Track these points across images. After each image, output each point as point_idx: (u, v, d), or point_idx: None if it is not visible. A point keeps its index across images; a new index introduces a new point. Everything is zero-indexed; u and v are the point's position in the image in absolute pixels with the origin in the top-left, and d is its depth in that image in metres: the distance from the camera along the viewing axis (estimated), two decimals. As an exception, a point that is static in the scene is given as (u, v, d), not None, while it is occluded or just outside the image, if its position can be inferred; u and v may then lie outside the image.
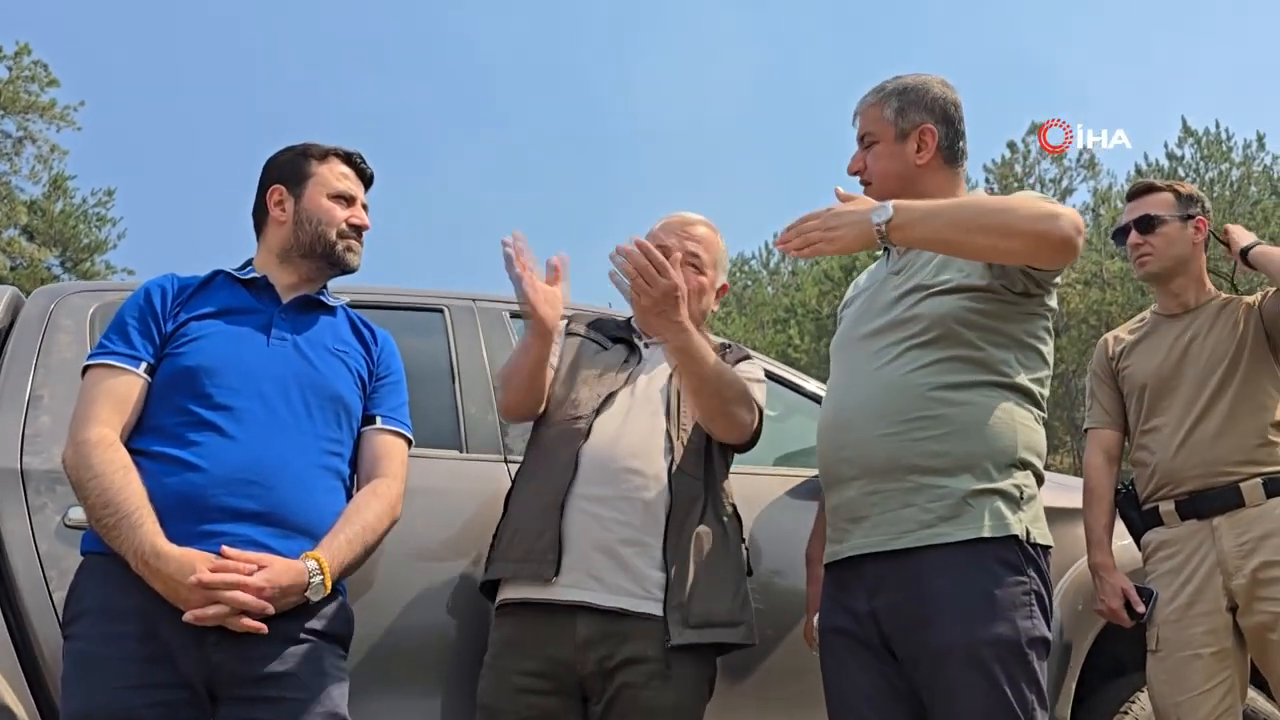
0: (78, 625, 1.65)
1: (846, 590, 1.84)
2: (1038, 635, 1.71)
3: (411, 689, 2.06)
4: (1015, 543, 1.73)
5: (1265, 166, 24.55)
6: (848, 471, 1.84)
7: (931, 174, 1.94)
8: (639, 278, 1.78)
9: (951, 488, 1.73)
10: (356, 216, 1.93)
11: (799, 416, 2.76)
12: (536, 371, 1.99)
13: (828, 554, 1.90)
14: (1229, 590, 2.29)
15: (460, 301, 2.55)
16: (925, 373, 1.79)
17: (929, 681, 1.72)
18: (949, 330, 1.80)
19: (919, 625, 1.72)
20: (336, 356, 1.87)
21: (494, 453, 2.29)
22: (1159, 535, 2.41)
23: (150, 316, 1.80)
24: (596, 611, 1.83)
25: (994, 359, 1.80)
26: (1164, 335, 2.50)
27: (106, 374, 1.74)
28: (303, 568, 1.65)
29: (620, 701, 1.82)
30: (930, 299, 1.83)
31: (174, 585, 1.57)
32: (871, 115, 1.97)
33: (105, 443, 1.66)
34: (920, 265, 1.89)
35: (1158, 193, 2.53)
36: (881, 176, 1.94)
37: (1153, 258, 2.48)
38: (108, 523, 1.60)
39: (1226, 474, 2.33)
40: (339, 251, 1.91)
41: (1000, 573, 1.71)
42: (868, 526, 1.80)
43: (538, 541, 1.86)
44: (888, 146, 1.95)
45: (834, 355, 2.03)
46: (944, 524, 1.72)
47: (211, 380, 1.74)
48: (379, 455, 1.87)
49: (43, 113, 22.57)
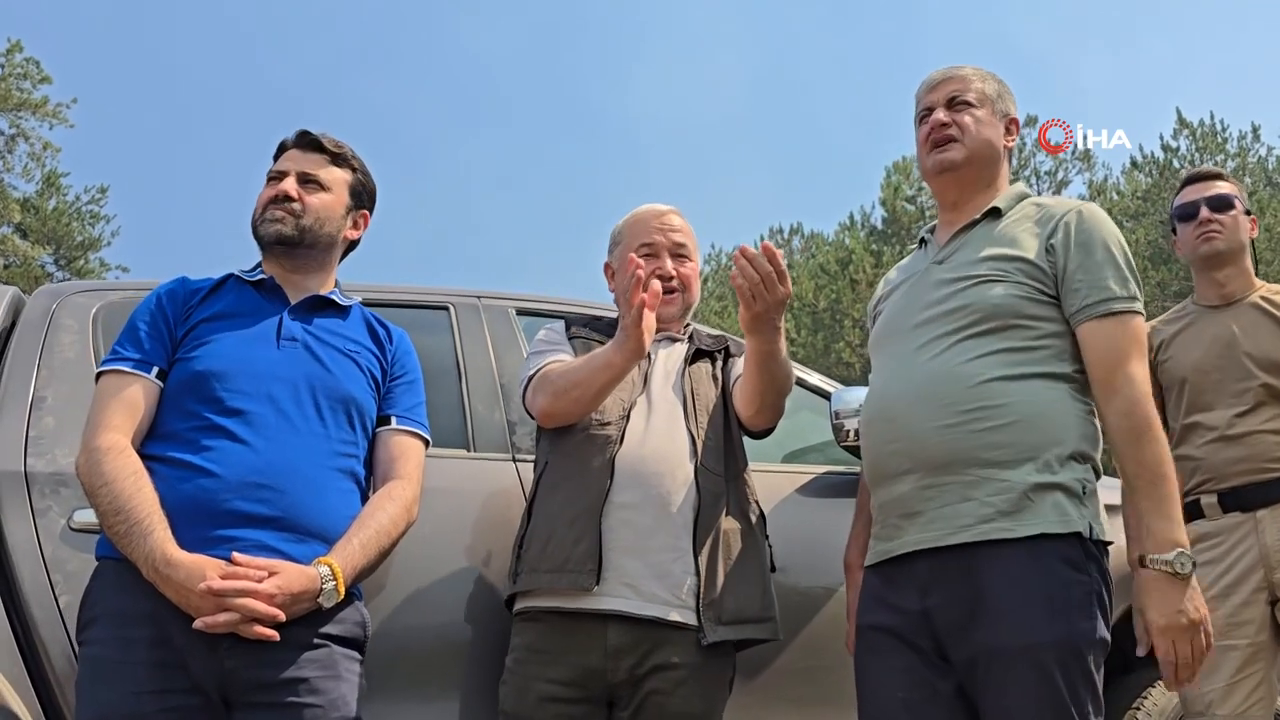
0: (91, 631, 1.64)
1: (895, 587, 1.76)
2: (1098, 637, 1.65)
3: (423, 692, 2.04)
4: (1078, 540, 1.66)
5: (1260, 158, 24.64)
6: (900, 466, 1.76)
7: (1004, 162, 1.95)
8: (761, 284, 1.76)
9: (1013, 480, 1.66)
10: (279, 190, 1.87)
11: (805, 413, 2.74)
12: (609, 389, 1.93)
13: (878, 553, 1.82)
14: (1272, 583, 2.28)
15: (465, 299, 2.53)
16: (981, 363, 1.72)
17: (984, 683, 1.65)
18: (1002, 319, 1.74)
19: (976, 625, 1.64)
20: (348, 357, 1.85)
21: (502, 452, 2.27)
22: (1199, 528, 2.37)
23: (161, 321, 1.80)
24: (628, 619, 1.81)
25: (1047, 349, 1.75)
26: (1205, 327, 2.46)
27: (118, 380, 1.73)
28: (315, 573, 1.63)
29: (648, 709, 1.81)
30: (979, 286, 1.77)
31: (185, 592, 1.56)
32: (974, 84, 1.92)
33: (117, 449, 1.65)
34: (968, 253, 1.84)
35: (1225, 180, 2.55)
36: (981, 141, 1.89)
37: (1222, 236, 2.46)
38: (119, 530, 1.59)
39: (1271, 468, 2.31)
40: (261, 229, 1.86)
41: (1062, 571, 1.64)
42: (923, 522, 1.72)
43: (575, 549, 1.83)
44: (987, 115, 1.91)
45: (876, 349, 1.96)
46: (1004, 519, 1.66)
47: (222, 384, 1.72)
48: (394, 456, 1.85)
49: (35, 110, 22.51)
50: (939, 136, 1.89)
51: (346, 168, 1.95)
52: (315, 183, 1.90)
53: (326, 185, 1.90)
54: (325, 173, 1.91)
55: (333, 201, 1.91)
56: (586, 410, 1.94)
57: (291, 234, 1.85)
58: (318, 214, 1.88)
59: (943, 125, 1.88)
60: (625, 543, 1.84)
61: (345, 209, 1.93)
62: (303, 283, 1.91)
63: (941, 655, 1.71)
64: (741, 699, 2.03)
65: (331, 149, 1.93)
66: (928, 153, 1.91)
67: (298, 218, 1.86)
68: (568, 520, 1.86)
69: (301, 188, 1.88)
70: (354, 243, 2.01)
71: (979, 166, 1.89)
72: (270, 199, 1.87)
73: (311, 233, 1.87)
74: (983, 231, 1.87)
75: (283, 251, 1.88)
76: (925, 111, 1.94)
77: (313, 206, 1.88)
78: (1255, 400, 2.34)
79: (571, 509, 1.87)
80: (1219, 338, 2.42)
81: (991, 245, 1.82)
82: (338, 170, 1.93)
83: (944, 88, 1.93)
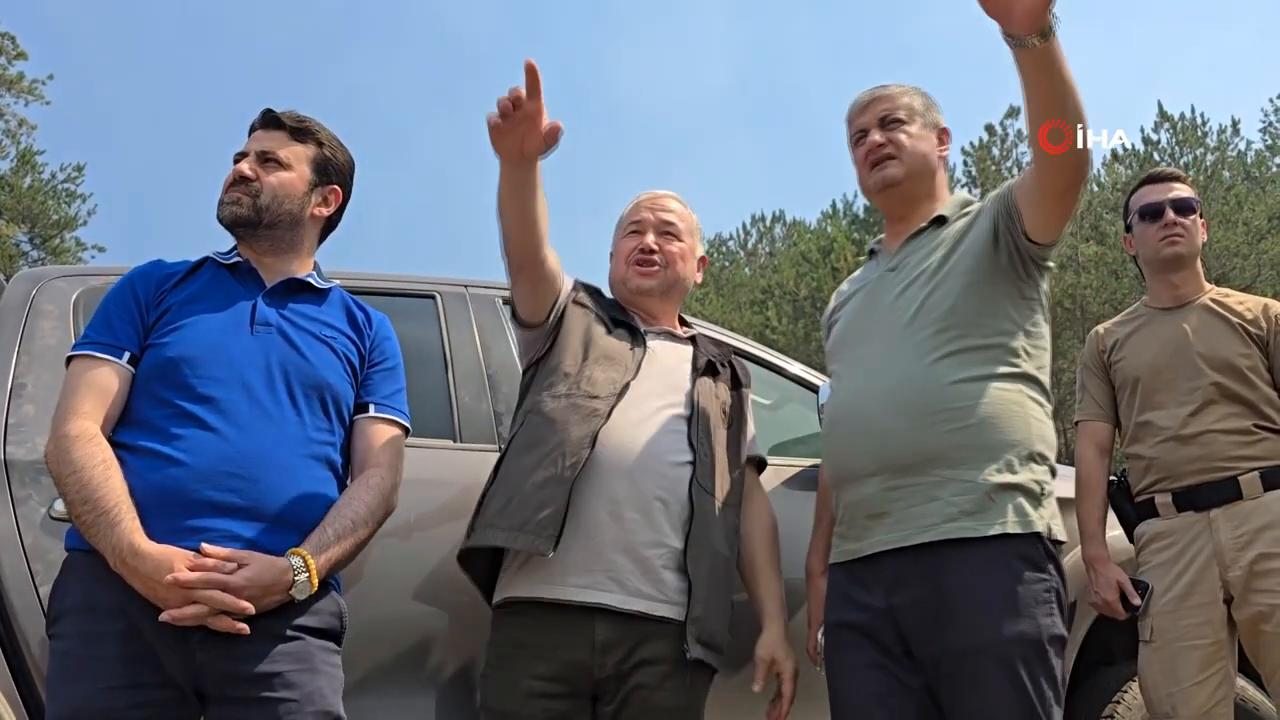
0: (61, 624, 1.60)
1: (862, 586, 1.82)
2: (1057, 633, 1.72)
3: (402, 684, 2.03)
4: (1038, 539, 1.74)
5: (1239, 152, 24.76)
6: (866, 467, 1.82)
7: (941, 170, 2.02)
8: None
9: (976, 480, 1.73)
10: (235, 171, 1.84)
11: (792, 405, 2.75)
12: (512, 196, 1.81)
13: (843, 553, 1.88)
14: (1225, 582, 2.30)
15: (452, 288, 2.51)
16: (944, 366, 1.78)
17: (950, 680, 1.70)
18: (960, 321, 1.81)
19: (941, 622, 1.70)
20: (323, 342, 1.81)
21: (488, 442, 2.26)
22: (1154, 527, 2.42)
23: (133, 304, 1.75)
24: (614, 614, 1.80)
25: (1006, 348, 1.81)
26: (1159, 328, 2.51)
27: (89, 364, 1.69)
28: (286, 564, 1.60)
29: (632, 703, 1.80)
30: (937, 291, 1.84)
31: (152, 584, 1.53)
32: (902, 100, 1.99)
33: (86, 437, 1.61)
34: (919, 260, 1.91)
35: (1183, 182, 2.59)
36: (918, 156, 1.96)
37: (1184, 240, 2.51)
38: (87, 519, 1.56)
39: (1224, 468, 2.34)
40: (219, 212, 1.82)
41: (1023, 570, 1.71)
42: (890, 522, 1.78)
43: (537, 513, 1.77)
44: (919, 130, 1.97)
45: (836, 357, 2.01)
46: (968, 518, 1.72)
47: (193, 370, 1.68)
48: (372, 445, 1.81)
49: (10, 86, 22.15)
50: (876, 156, 1.96)
51: (310, 142, 1.89)
52: (274, 161, 1.85)
53: (285, 162, 1.85)
54: (286, 150, 1.86)
55: (292, 179, 1.85)
56: (522, 237, 1.86)
57: (248, 214, 1.81)
58: (275, 192, 1.83)
59: (879, 145, 1.95)
60: (609, 534, 1.82)
61: (308, 185, 1.87)
62: (277, 265, 1.86)
63: (907, 652, 1.76)
64: (725, 694, 2.03)
65: (291, 124, 1.88)
66: (868, 172, 1.99)
67: (255, 197, 1.81)
68: (537, 483, 1.80)
69: (261, 167, 1.84)
70: (332, 222, 1.96)
71: (918, 180, 1.97)
72: (229, 182, 1.83)
73: (270, 211, 1.82)
74: (931, 238, 1.93)
75: (244, 233, 1.84)
76: (859, 133, 2.01)
77: (270, 185, 1.82)
78: (1205, 399, 2.37)
79: (542, 473, 1.81)
80: (1172, 338, 2.47)
81: (941, 249, 1.89)
82: (299, 146, 1.87)
83: (874, 108, 2.00)
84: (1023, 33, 1.50)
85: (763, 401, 2.80)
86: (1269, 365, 2.42)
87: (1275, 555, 2.26)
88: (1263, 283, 20.35)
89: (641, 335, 2.05)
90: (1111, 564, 2.39)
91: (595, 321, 2.03)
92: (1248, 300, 2.52)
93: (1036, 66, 1.55)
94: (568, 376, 1.93)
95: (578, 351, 1.96)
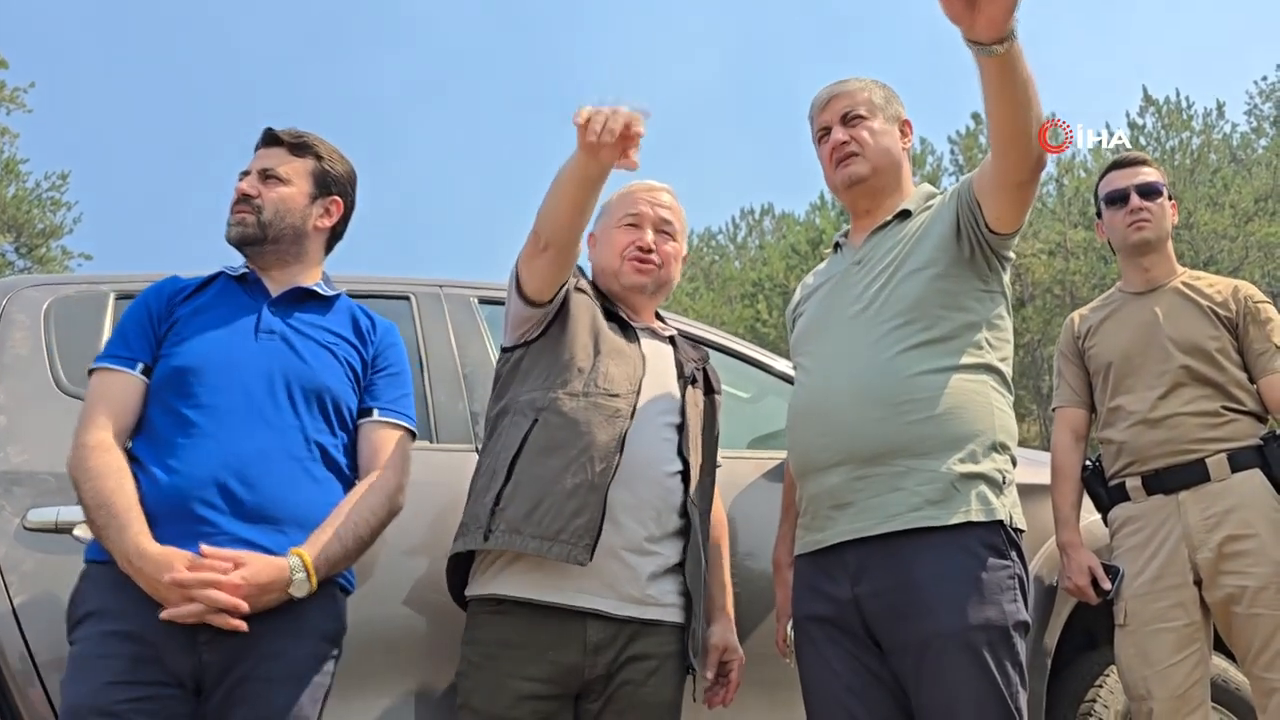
0: (78, 630, 1.66)
1: (827, 577, 1.83)
2: (1021, 619, 1.74)
3: (382, 684, 2.03)
4: (1000, 527, 1.76)
5: (1225, 135, 24.84)
6: (829, 458, 1.83)
7: (905, 163, 2.03)
8: None
9: (940, 470, 1.74)
10: (238, 190, 1.92)
11: (772, 397, 2.75)
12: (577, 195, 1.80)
13: (807, 543, 1.89)
14: (1194, 564, 2.31)
15: (427, 289, 2.51)
16: (908, 357, 1.80)
17: (916, 667, 1.71)
18: (924, 313, 1.82)
19: (906, 611, 1.72)
20: (325, 348, 1.86)
21: (465, 443, 2.26)
22: (1125, 511, 2.44)
23: (146, 318, 1.83)
24: (607, 616, 1.80)
25: (968, 340, 1.83)
26: (1130, 313, 2.52)
27: (106, 377, 1.78)
28: (284, 564, 1.65)
29: (618, 698, 1.80)
30: (902, 284, 1.86)
31: (154, 584, 1.59)
32: (860, 96, 1.99)
33: (102, 446, 1.69)
34: (884, 253, 1.92)
35: (1150, 166, 2.59)
36: (881, 151, 1.97)
37: (1151, 224, 2.52)
38: (100, 523, 1.63)
39: (1192, 450, 2.35)
40: (227, 233, 1.91)
41: (987, 557, 1.73)
42: (854, 512, 1.79)
43: (573, 520, 1.74)
44: (882, 125, 1.98)
45: (801, 349, 2.02)
46: (932, 507, 1.73)
47: (198, 379, 1.75)
48: (376, 448, 1.86)
49: (-10, 95, 22.02)
50: (841, 154, 1.97)
51: (309, 156, 1.96)
52: (275, 177, 1.93)
53: (285, 178, 1.94)
54: (285, 166, 1.94)
55: (292, 193, 1.93)
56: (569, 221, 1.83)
57: (253, 233, 1.89)
58: (276, 207, 1.90)
59: (843, 143, 1.96)
60: (609, 541, 1.79)
61: (308, 198, 1.95)
62: (283, 276, 1.93)
63: (874, 641, 1.77)
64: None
65: (289, 140, 1.96)
66: (834, 169, 2.00)
67: (258, 213, 1.89)
68: (567, 489, 1.76)
69: (262, 184, 1.92)
70: (337, 232, 2.02)
71: (883, 175, 1.99)
72: (233, 202, 1.92)
73: (273, 227, 1.90)
74: (895, 231, 1.94)
75: (251, 251, 1.92)
76: (823, 131, 2.02)
77: (270, 200, 1.91)
78: (1174, 382, 2.38)
79: (572, 478, 1.77)
80: (1143, 323, 2.48)
81: (906, 242, 1.90)
82: (298, 161, 1.96)
83: (835, 105, 2.00)
84: (987, 40, 1.50)
85: (742, 395, 2.80)
86: (1238, 347, 2.43)
87: (1243, 537, 2.28)
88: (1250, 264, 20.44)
89: (634, 332, 2.03)
90: (1083, 549, 2.40)
91: (598, 312, 2.00)
92: (1218, 282, 2.53)
93: (1000, 71, 1.56)
94: (582, 372, 1.88)
95: (588, 344, 1.92)
